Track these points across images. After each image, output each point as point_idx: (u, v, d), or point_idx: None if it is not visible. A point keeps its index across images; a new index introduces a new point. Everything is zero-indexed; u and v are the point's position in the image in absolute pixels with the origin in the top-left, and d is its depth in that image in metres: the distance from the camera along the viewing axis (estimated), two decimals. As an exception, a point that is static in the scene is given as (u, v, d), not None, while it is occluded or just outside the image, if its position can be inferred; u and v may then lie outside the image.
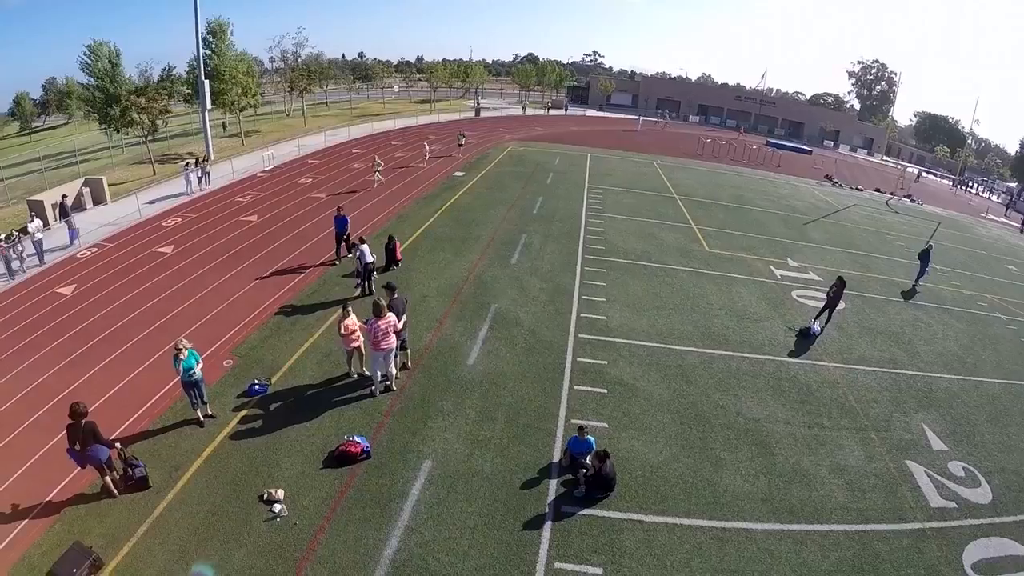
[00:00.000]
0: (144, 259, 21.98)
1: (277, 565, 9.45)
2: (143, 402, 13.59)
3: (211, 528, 10.21)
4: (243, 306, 18.08)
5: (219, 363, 14.75)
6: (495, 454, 11.67)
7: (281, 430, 12.50)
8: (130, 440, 12.31)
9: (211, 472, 11.47)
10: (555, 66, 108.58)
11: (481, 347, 15.17)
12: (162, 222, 26.59)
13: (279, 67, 74.84)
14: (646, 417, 12.60)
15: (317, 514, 10.37)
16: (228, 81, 46.28)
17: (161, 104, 41.77)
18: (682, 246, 24.06)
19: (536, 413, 12.61)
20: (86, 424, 10.40)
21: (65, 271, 22.09)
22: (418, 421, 12.63)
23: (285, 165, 39.62)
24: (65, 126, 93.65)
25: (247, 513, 10.46)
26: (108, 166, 41.53)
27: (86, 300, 19.32)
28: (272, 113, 70.18)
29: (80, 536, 10.08)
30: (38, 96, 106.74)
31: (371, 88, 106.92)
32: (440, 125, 62.68)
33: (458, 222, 25.96)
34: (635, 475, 10.96)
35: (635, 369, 14.37)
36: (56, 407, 13.73)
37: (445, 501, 10.60)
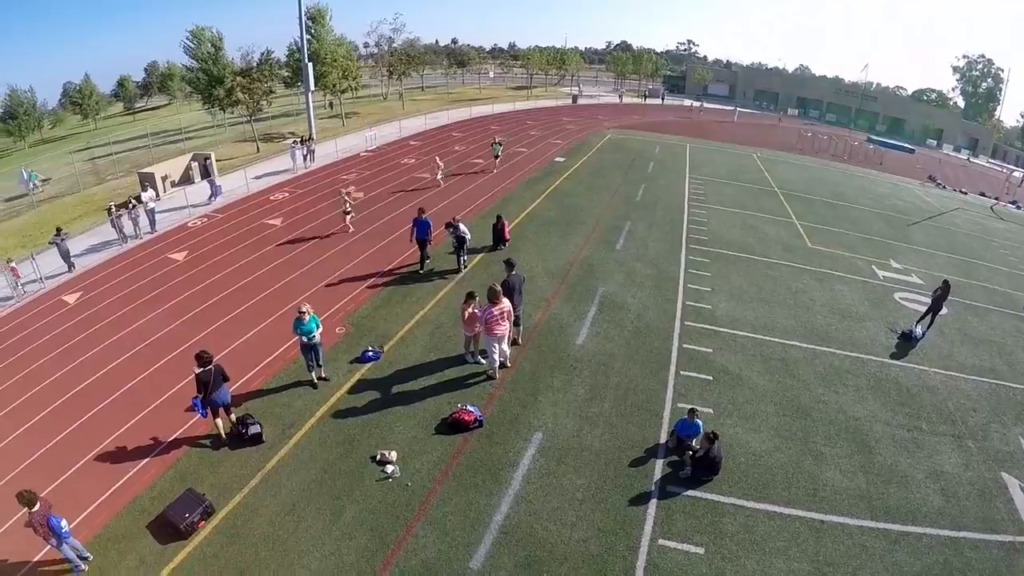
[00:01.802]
0: (254, 230, 25.05)
1: (388, 523, 10.67)
2: (257, 362, 15.66)
3: (322, 484, 11.58)
4: (354, 277, 20.41)
5: (332, 330, 16.73)
6: (604, 431, 12.86)
7: (394, 395, 14.07)
8: (244, 398, 14.17)
9: (324, 432, 13.01)
10: (651, 55, 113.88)
11: (589, 328, 17.03)
12: (270, 196, 30.04)
13: (375, 52, 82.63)
14: (750, 406, 13.83)
15: (429, 477, 11.62)
16: (329, 64, 52.00)
17: (266, 85, 47.59)
18: (784, 240, 26.22)
19: (644, 394, 14.16)
20: (215, 368, 12.13)
21: (177, 238, 25.72)
22: (528, 395, 14.00)
23: (387, 145, 43.48)
24: (167, 106, 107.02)
25: (359, 472, 11.82)
26: (212, 143, 47.06)
27: (198, 266, 22.50)
28: (370, 96, 76.69)
29: (193, 484, 11.73)
30: (140, 79, 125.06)
31: (466, 73, 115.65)
32: (538, 111, 66.57)
33: (562, 206, 28.28)
34: (738, 461, 12.08)
35: (739, 359, 15.92)
36: (172, 362, 16.11)
37: (554, 473, 11.70)
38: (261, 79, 47.37)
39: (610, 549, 10.17)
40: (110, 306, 20.43)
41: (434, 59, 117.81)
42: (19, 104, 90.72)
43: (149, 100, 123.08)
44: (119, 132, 66.76)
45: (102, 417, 14.56)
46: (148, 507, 11.52)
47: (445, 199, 28.83)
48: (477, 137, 46.07)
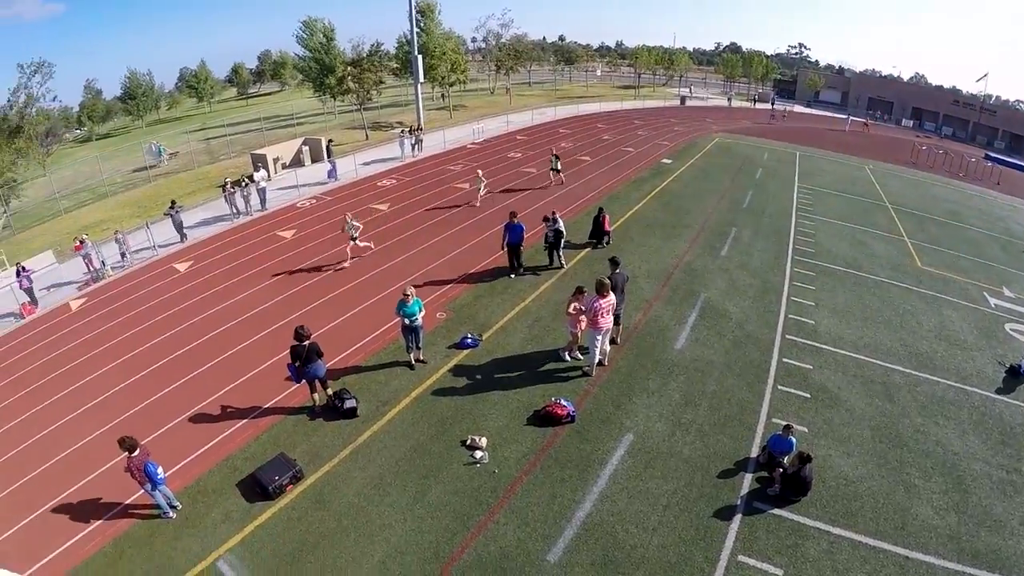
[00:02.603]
0: (360, 214, 26.74)
1: (471, 507, 11.20)
2: (357, 341, 16.88)
3: (411, 462, 12.30)
4: (458, 265, 21.45)
5: (433, 315, 17.70)
6: (695, 438, 12.95)
7: (489, 383, 14.70)
8: (343, 373, 15.32)
9: (418, 412, 13.81)
10: (761, 57, 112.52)
11: (689, 333, 17.24)
12: (377, 182, 31.93)
13: (483, 47, 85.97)
14: (846, 429, 13.73)
15: (516, 466, 12.08)
16: (438, 57, 55.09)
17: (376, 76, 51.08)
18: (893, 258, 25.61)
19: (738, 406, 14.16)
20: (310, 344, 13.11)
21: (286, 217, 28.17)
22: (623, 395, 14.29)
23: (494, 139, 45.18)
24: (278, 93, 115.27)
25: (448, 455, 12.44)
26: (322, 129, 50.40)
27: (304, 245, 24.54)
28: (477, 90, 79.75)
29: (286, 449, 12.78)
30: (253, 66, 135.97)
31: (573, 71, 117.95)
32: (645, 111, 66.91)
33: (668, 208, 28.66)
34: (828, 484, 11.93)
35: (839, 378, 15.69)
36: (274, 333, 17.64)
37: (642, 476, 11.90)
38: (371, 69, 50.78)
39: (688, 559, 10.31)
40: (218, 276, 22.60)
41: (541, 55, 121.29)
42: (138, 86, 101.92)
43: (261, 87, 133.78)
44: (232, 115, 72.59)
45: (204, 378, 16.17)
46: (240, 466, 12.70)
47: (546, 197, 29.42)
48: (583, 135, 46.83)
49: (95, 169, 48.56)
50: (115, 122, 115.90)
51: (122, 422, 14.89)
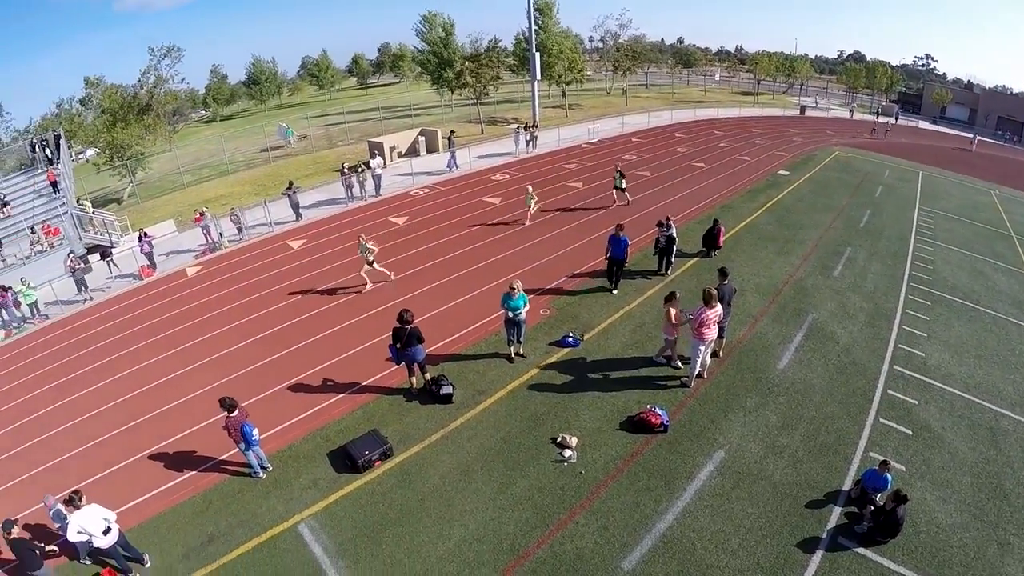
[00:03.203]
0: (471, 206, 27.76)
1: (553, 504, 11.40)
2: (460, 328, 17.59)
3: (500, 453, 12.66)
4: (565, 263, 21.81)
5: (537, 311, 18.11)
6: (788, 464, 12.59)
7: (585, 383, 14.87)
8: (443, 360, 15.98)
9: (512, 405, 14.19)
10: (885, 68, 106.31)
11: (793, 354, 16.79)
12: (491, 176, 32.87)
13: (600, 46, 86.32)
14: (945, 473, 13.14)
15: (603, 470, 12.18)
16: (555, 55, 56.18)
17: (493, 71, 52.64)
18: (1015, 294, 23.93)
19: (836, 434, 13.70)
20: (411, 329, 13.74)
21: (399, 204, 29.76)
22: (719, 410, 14.09)
23: (609, 140, 45.42)
24: (396, 84, 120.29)
25: (537, 450, 12.70)
26: (439, 121, 52.28)
27: (414, 232, 25.75)
28: (594, 90, 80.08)
29: (379, 426, 13.50)
30: (373, 57, 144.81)
31: (691, 74, 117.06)
32: (764, 119, 64.96)
33: (781, 222, 27.89)
34: (919, 529, 11.48)
35: (944, 418, 14.96)
36: (379, 315, 18.66)
37: (728, 495, 11.69)
38: (489, 65, 52.37)
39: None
40: (330, 256, 24.16)
41: (659, 57, 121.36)
42: (261, 72, 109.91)
43: (380, 77, 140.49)
44: (351, 104, 76.36)
45: (308, 350, 17.45)
46: (333, 438, 13.61)
47: (659, 201, 29.27)
48: (699, 140, 46.12)
49: (218, 148, 52.38)
50: (238, 105, 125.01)
51: (226, 383, 16.28)
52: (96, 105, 53.14)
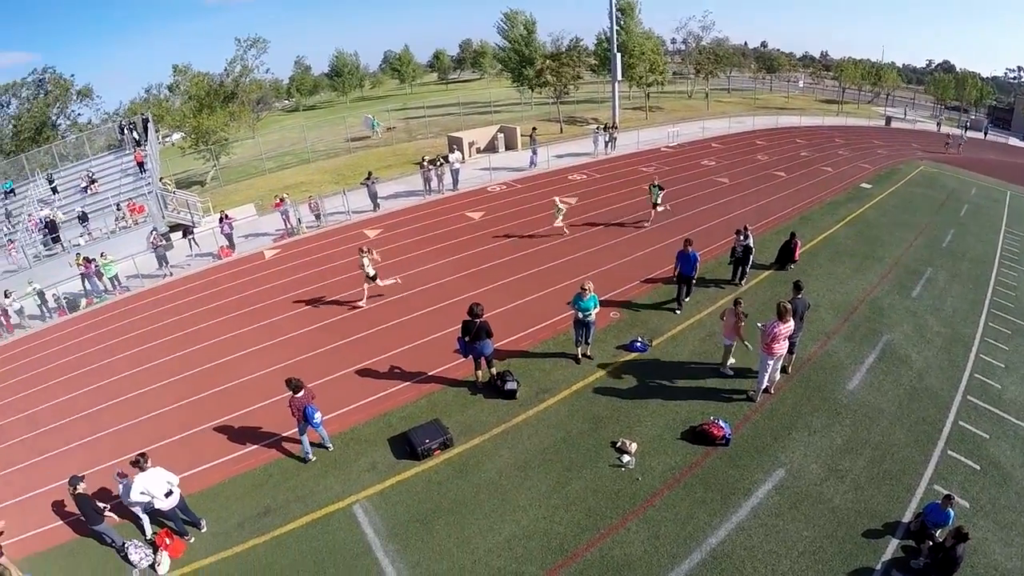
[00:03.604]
0: (547, 205, 27.84)
1: (606, 508, 11.37)
2: (529, 326, 17.76)
3: (558, 452, 12.71)
4: (637, 267, 21.69)
5: (607, 313, 18.07)
6: (848, 489, 12.19)
7: (650, 390, 14.78)
8: (510, 355, 16.16)
9: (575, 405, 14.22)
10: (976, 80, 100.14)
11: (864, 375, 16.22)
12: (568, 175, 33.01)
13: (682, 48, 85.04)
14: (1010, 514, 12.36)
15: (660, 479, 12.07)
16: (637, 56, 55.77)
17: (574, 70, 52.89)
18: None
19: (901, 463, 13.18)
20: (481, 323, 13.93)
21: (475, 199, 30.38)
22: (783, 427, 13.75)
23: (688, 144, 44.84)
24: (477, 81, 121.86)
25: (596, 453, 12.70)
26: (518, 119, 52.72)
27: (490, 228, 26.18)
28: (675, 93, 79.00)
29: (441, 416, 13.80)
30: (454, 53, 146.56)
31: (774, 80, 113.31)
32: (848, 129, 62.43)
33: (861, 237, 26.96)
34: (976, 570, 10.95)
35: (1016, 455, 14.11)
36: (451, 307, 18.89)
37: (784, 516, 11.39)
38: (570, 64, 52.64)
39: (810, 615, 9.92)
40: (404, 247, 24.81)
41: (741, 61, 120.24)
42: (344, 64, 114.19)
43: (461, 73, 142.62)
44: (432, 99, 77.76)
45: (378, 337, 18.08)
46: (395, 424, 14.00)
47: (737, 210, 28.69)
48: (780, 149, 44.90)
49: (300, 137, 54.15)
50: (321, 96, 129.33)
51: (295, 363, 16.96)
52: (183, 92, 55.51)
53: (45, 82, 56.47)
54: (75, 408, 17.47)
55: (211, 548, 11.71)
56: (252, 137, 56.50)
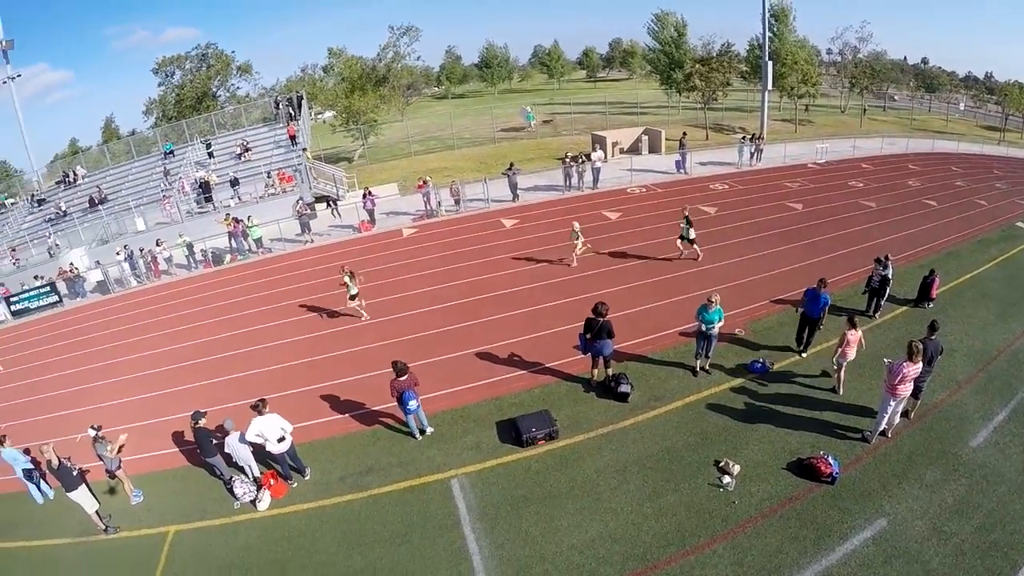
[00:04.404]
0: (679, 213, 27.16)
1: (697, 526, 11.10)
2: (652, 331, 17.59)
3: (660, 462, 12.55)
4: (768, 286, 20.85)
5: (732, 329, 17.49)
6: (950, 554, 11.16)
7: (762, 414, 14.23)
8: (629, 359, 16.15)
9: (684, 417, 13.98)
10: None
11: (991, 433, 14.63)
12: (709, 184, 32.21)
13: (837, 60, 79.63)
14: None
15: (756, 506, 11.59)
16: (789, 66, 53.48)
17: (723, 76, 51.28)
18: None
19: (1013, 537, 11.83)
20: (603, 322, 13.97)
21: (614, 199, 30.36)
22: (893, 475, 12.79)
23: (836, 162, 42.20)
24: (625, 81, 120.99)
25: (697, 469, 12.41)
26: (664, 122, 51.98)
27: (626, 229, 26.05)
28: (827, 107, 74.27)
29: (551, 408, 13.97)
30: (604, 52, 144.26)
31: (933, 100, 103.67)
32: (1010, 160, 55.16)
33: (1011, 281, 24.04)
34: None
35: None
36: (576, 303, 19.10)
37: (876, 569, 10.67)
38: (719, 69, 51.06)
39: None
40: (540, 239, 25.32)
41: (899, 78, 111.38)
42: (494, 56, 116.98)
43: (609, 72, 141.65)
44: (579, 96, 77.94)
45: (502, 323, 18.75)
46: (505, 409, 14.43)
47: (880, 237, 26.84)
48: (933, 176, 40.98)
49: (446, 123, 55.97)
50: (469, 86, 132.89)
51: (418, 337, 18.15)
52: (337, 73, 58.77)
53: (208, 57, 62.17)
54: (208, 350, 19.50)
55: (311, 495, 12.75)
56: (400, 120, 58.99)
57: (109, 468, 13.43)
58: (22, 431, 16.84)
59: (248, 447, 12.79)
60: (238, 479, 12.99)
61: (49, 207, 42.91)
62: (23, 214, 44.43)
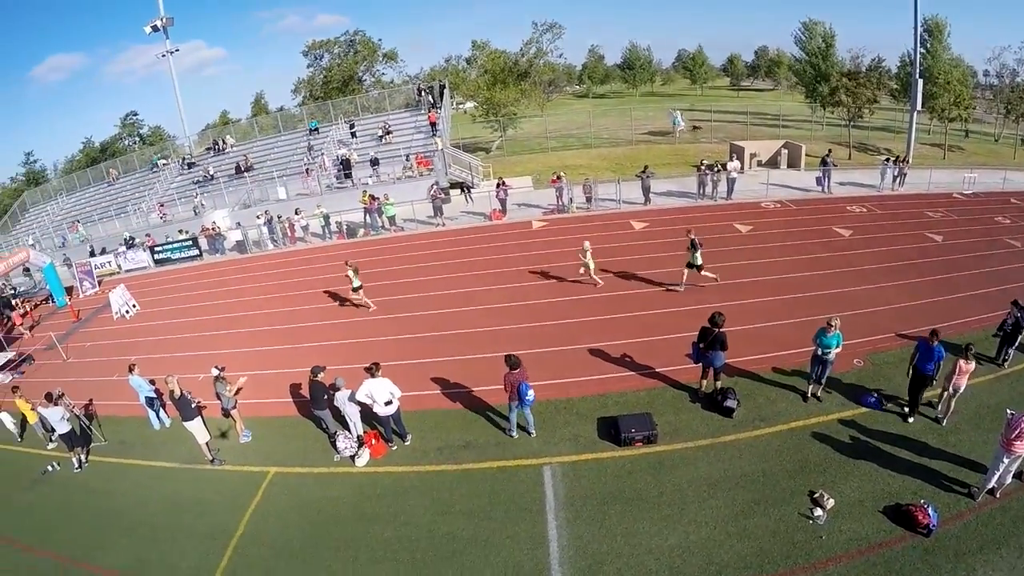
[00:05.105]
0: (820, 232, 26.12)
1: (779, 554, 10.56)
2: (768, 350, 16.71)
3: (753, 483, 12.01)
4: (895, 318, 19.16)
5: (849, 358, 16.29)
6: None
7: (867, 451, 13.20)
8: (739, 374, 15.61)
9: (787, 442, 13.26)
10: None
11: None
12: (847, 206, 30.20)
13: (994, 83, 71.07)
14: None
15: (844, 545, 10.84)
16: (941, 86, 48.21)
17: (872, 93, 47.40)
18: None
19: None
20: (718, 333, 13.65)
21: (747, 212, 29.26)
22: (993, 540, 11.38)
23: (984, 195, 37.68)
24: (770, 92, 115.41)
25: (790, 496, 11.73)
26: (806, 137, 49.24)
27: (756, 243, 24.96)
28: (979, 133, 66.87)
29: (654, 412, 13.82)
30: (749, 59, 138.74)
31: None
32: None
33: None
34: None
35: None
36: (695, 312, 18.56)
37: None
38: (867, 85, 47.27)
39: None
40: (663, 245, 24.90)
41: None
42: (636, 58, 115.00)
43: (753, 81, 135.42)
44: (720, 103, 75.41)
45: (617, 323, 18.76)
46: (609, 406, 14.48)
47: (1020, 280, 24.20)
48: None
49: (585, 122, 55.82)
50: (611, 86, 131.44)
51: (534, 327, 18.82)
52: (479, 65, 59.67)
53: (355, 43, 64.68)
54: (332, 315, 21.04)
55: (407, 460, 13.40)
56: (540, 115, 59.37)
57: (225, 407, 14.72)
58: (150, 364, 18.71)
59: (356, 406, 13.44)
60: (342, 434, 13.75)
61: (198, 170, 47.24)
62: (173, 174, 49.06)
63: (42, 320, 28.12)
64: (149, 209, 43.65)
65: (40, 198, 58.64)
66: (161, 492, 14.21)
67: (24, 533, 14.00)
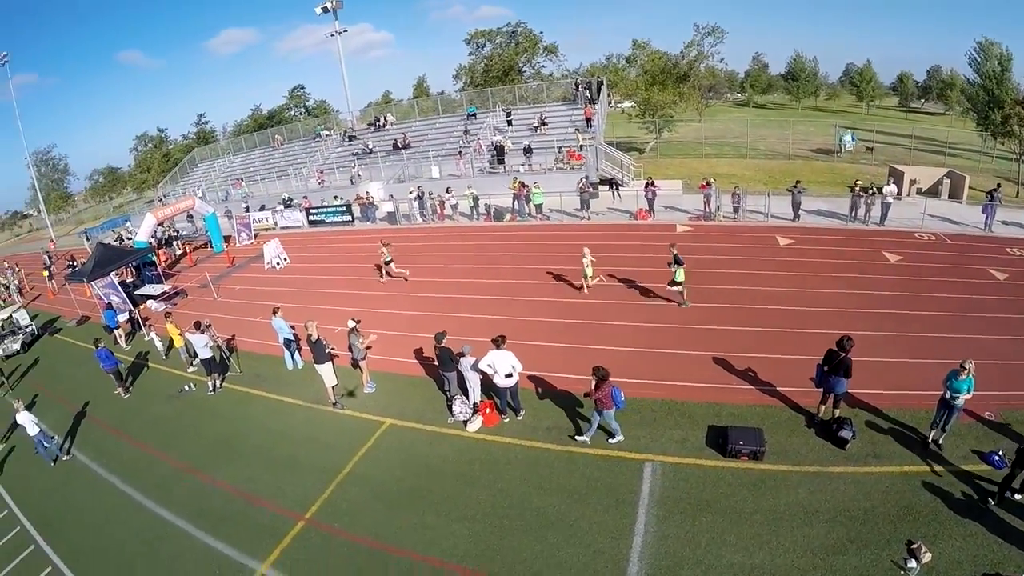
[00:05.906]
0: (972, 272, 23.25)
1: None
2: (893, 386, 15.43)
3: (851, 520, 11.28)
4: None
5: (982, 408, 14.71)
6: None
7: (980, 512, 11.85)
8: (861, 405, 14.64)
9: (896, 485, 12.28)
10: None
11: None
12: (1006, 247, 26.85)
13: None
14: None
15: None
16: None
17: None
18: None
19: None
20: (843, 358, 12.95)
21: (899, 240, 26.95)
22: None
23: None
24: (940, 116, 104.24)
25: (887, 541, 10.91)
26: (973, 168, 44.25)
27: (903, 274, 23.05)
28: None
29: (766, 429, 13.43)
30: (921, 79, 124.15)
31: None
32: None
33: None
34: None
35: None
36: (827, 335, 18.10)
37: None
38: None
39: None
40: (807, 264, 23.80)
41: None
42: (801, 69, 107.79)
43: (924, 103, 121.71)
44: (886, 124, 69.46)
45: (746, 336, 18.30)
46: (722, 416, 14.26)
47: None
48: None
49: (743, 131, 53.71)
50: (773, 97, 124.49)
51: (653, 327, 18.81)
52: (639, 65, 58.28)
53: (517, 35, 65.42)
54: (469, 289, 22.19)
55: (516, 432, 13.94)
56: (698, 120, 57.58)
57: (356, 357, 16.01)
58: (292, 311, 20.44)
59: (478, 375, 14.03)
60: (459, 399, 14.50)
61: (358, 143, 50.32)
62: (334, 145, 52.57)
63: (199, 262, 30.96)
64: (308, 175, 47.49)
65: (208, 155, 64.94)
66: (283, 425, 15.74)
67: (153, 439, 16.08)
